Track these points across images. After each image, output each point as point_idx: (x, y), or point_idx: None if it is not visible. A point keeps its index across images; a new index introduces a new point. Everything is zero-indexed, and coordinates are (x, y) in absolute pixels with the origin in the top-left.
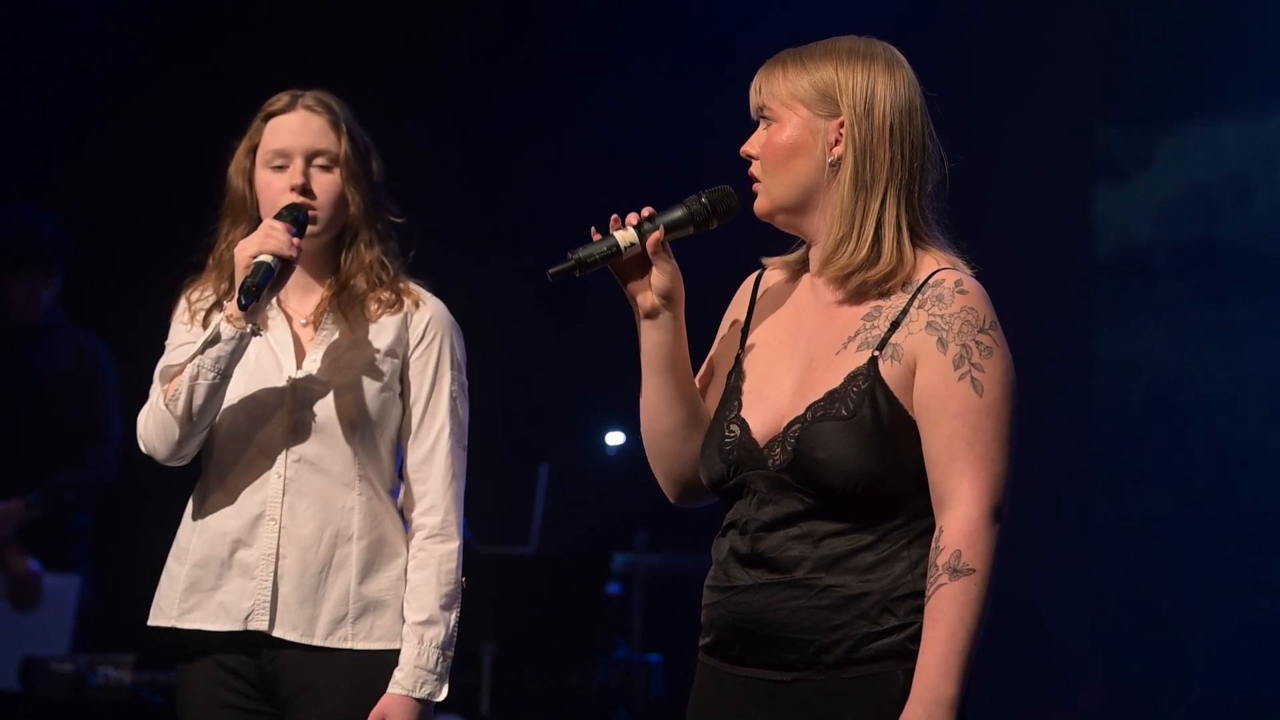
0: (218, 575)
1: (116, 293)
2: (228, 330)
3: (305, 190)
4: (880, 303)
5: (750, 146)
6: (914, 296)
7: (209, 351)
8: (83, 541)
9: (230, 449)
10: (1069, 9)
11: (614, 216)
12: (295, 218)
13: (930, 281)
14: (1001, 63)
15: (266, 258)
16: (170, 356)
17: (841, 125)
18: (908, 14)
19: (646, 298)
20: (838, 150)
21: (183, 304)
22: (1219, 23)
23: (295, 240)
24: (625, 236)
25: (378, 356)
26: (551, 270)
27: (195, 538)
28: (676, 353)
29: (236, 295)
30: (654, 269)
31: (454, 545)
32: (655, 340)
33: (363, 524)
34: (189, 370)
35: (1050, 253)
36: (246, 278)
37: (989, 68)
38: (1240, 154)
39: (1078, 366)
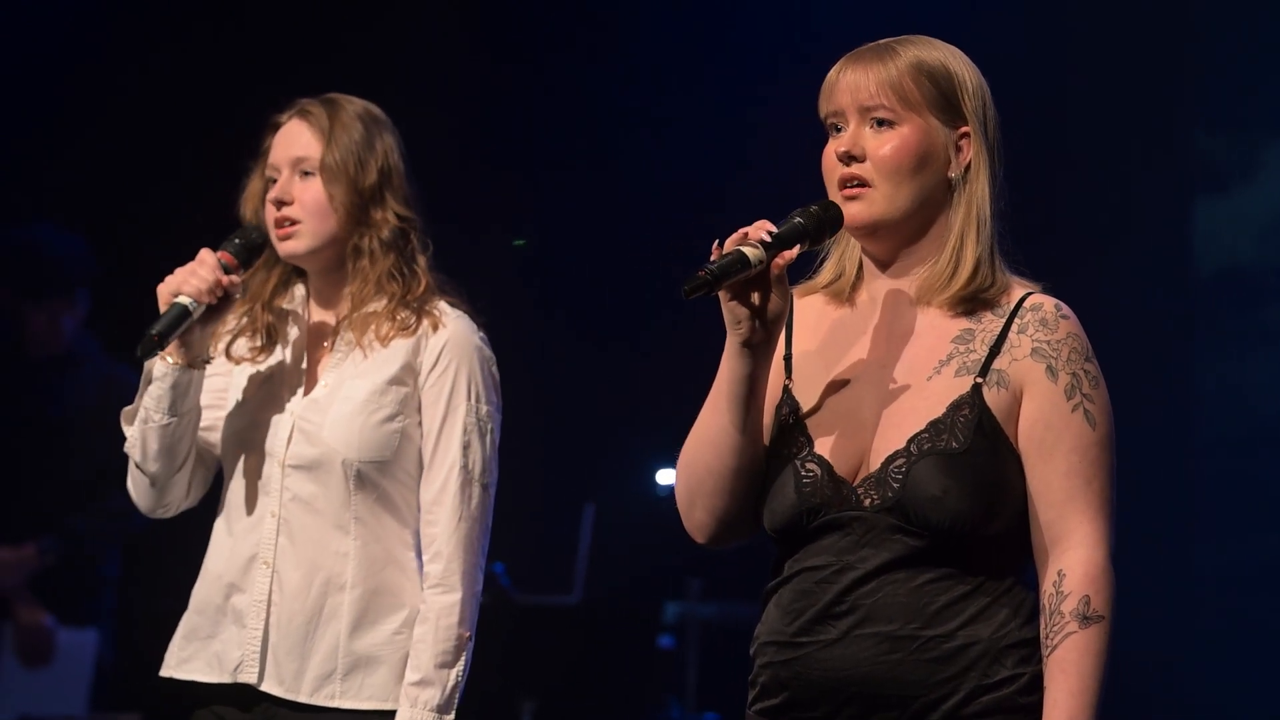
0: (213, 622)
1: (150, 319)
2: (159, 368)
3: (280, 202)
4: (969, 324)
5: (853, 147)
6: (1010, 320)
7: (149, 392)
8: (106, 594)
9: (235, 484)
10: (1164, 6)
11: (740, 231)
12: (244, 243)
13: (1028, 305)
14: (1091, 66)
15: (184, 299)
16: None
17: (964, 136)
18: (991, 16)
19: (753, 323)
20: (963, 161)
21: None
22: None
23: (225, 279)
24: (754, 254)
25: (383, 384)
26: (686, 286)
27: (198, 582)
28: (763, 387)
29: (140, 344)
30: (772, 292)
31: (455, 597)
32: (748, 371)
33: (357, 571)
34: (139, 414)
35: (1144, 273)
36: (153, 325)
37: (1077, 72)
38: None
39: (1174, 398)
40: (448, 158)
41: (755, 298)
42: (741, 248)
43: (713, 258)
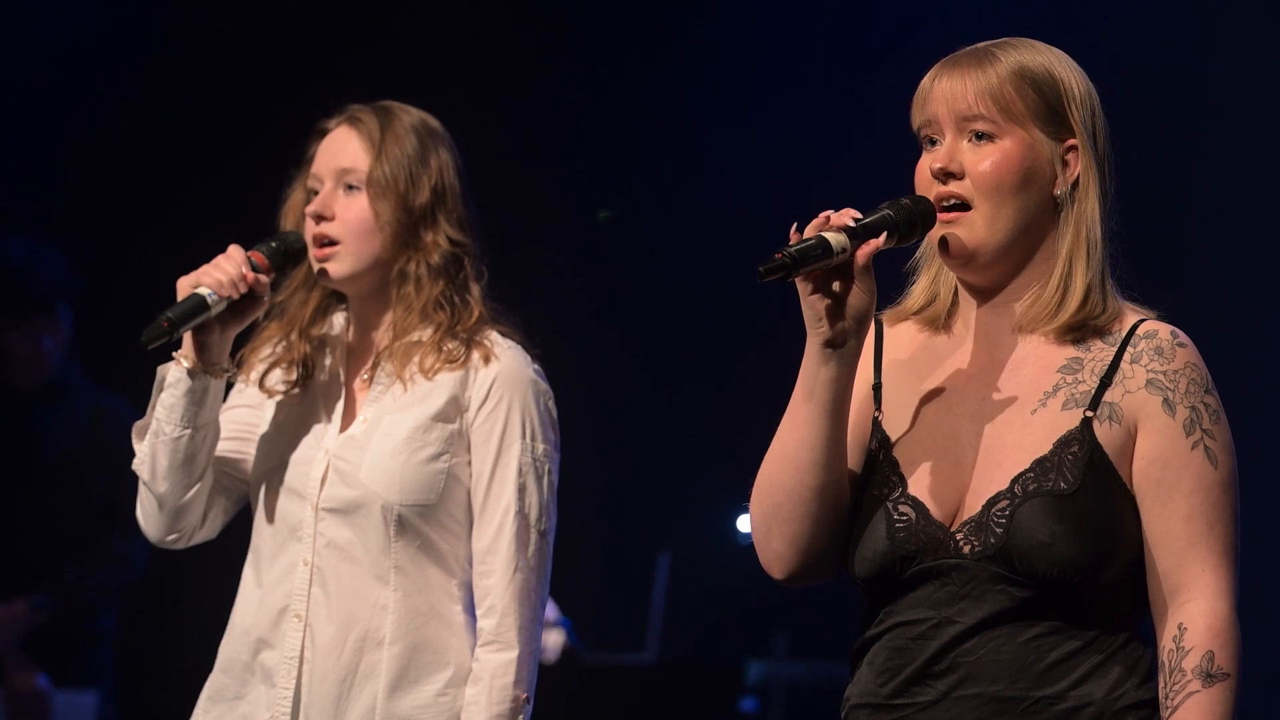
0: (240, 681)
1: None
2: (173, 373)
3: (320, 217)
4: (1077, 353)
5: (950, 162)
6: (1122, 348)
7: (160, 400)
8: (104, 650)
9: (264, 530)
10: None
11: (824, 214)
12: (279, 248)
13: (1141, 332)
14: (1231, 64)
15: (204, 290)
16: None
17: (1070, 149)
18: (1119, 10)
19: (836, 320)
20: (1070, 177)
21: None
22: None
23: (251, 275)
24: (837, 240)
25: (427, 420)
26: (762, 268)
27: (225, 637)
28: (847, 395)
29: (147, 330)
30: (855, 285)
31: (512, 655)
32: (834, 374)
33: (398, 626)
34: (150, 426)
35: (1273, 289)
36: (166, 311)
37: (1216, 73)
38: None
39: None
40: (511, 178)
41: (837, 291)
42: (823, 233)
43: (792, 241)
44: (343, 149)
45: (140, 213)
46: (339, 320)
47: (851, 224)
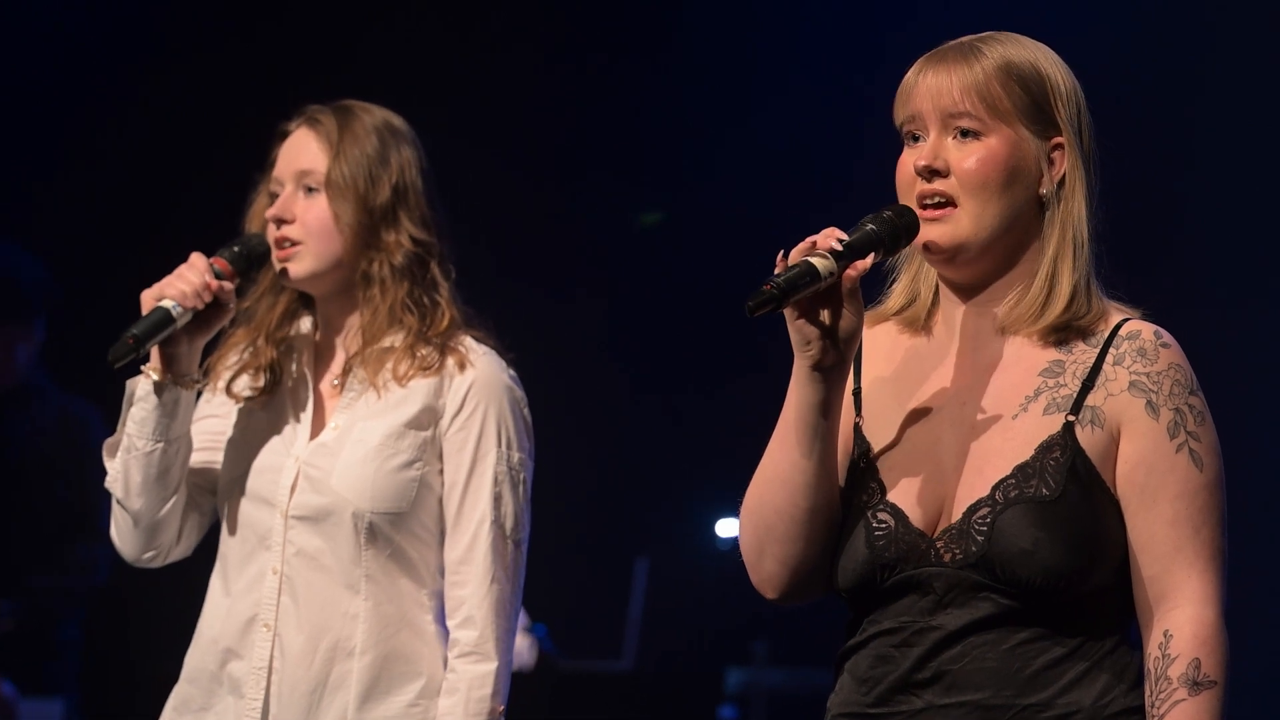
0: (208, 693)
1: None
2: (142, 386)
3: (280, 220)
4: (1059, 355)
5: (934, 160)
6: (1105, 349)
7: (131, 415)
8: (69, 658)
9: (232, 538)
10: None
11: (808, 240)
12: (242, 252)
13: (1124, 333)
14: (1225, 56)
15: (168, 303)
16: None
17: (1056, 148)
18: (1138, 14)
19: (824, 343)
20: (1055, 176)
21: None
22: None
23: (215, 283)
24: (824, 264)
25: (400, 427)
26: (751, 302)
27: (191, 647)
28: (837, 415)
29: (114, 347)
30: (844, 308)
31: (490, 666)
32: (820, 397)
33: (368, 635)
34: (122, 443)
35: (1269, 289)
36: (131, 327)
37: (1218, 70)
38: None
39: None
40: (504, 179)
41: (825, 315)
42: (809, 258)
43: (777, 270)
44: (302, 151)
45: (139, 216)
46: (306, 324)
47: (837, 246)
